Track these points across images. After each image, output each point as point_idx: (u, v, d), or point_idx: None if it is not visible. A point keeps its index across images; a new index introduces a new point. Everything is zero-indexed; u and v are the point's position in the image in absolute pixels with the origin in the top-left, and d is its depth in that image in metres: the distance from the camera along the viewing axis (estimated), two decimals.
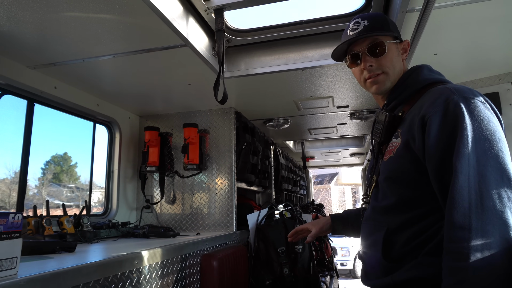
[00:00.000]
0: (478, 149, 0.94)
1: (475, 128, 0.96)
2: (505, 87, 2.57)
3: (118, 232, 2.41)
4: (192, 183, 3.08)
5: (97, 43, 1.91)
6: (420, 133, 1.03)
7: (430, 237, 1.03)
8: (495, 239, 0.86)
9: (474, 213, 0.89)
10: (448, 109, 0.99)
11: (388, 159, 1.14)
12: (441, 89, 1.06)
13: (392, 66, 1.23)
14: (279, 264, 2.70)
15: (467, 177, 0.92)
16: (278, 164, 4.60)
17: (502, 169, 0.93)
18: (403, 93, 1.21)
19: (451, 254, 0.91)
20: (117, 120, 2.99)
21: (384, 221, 1.13)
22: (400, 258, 1.07)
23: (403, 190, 1.10)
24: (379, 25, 1.24)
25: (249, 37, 2.25)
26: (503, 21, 1.88)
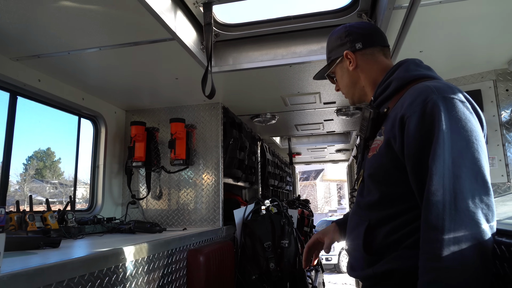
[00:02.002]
0: (454, 150, 0.94)
1: (452, 129, 0.95)
2: (487, 84, 2.63)
3: (104, 227, 2.38)
4: (178, 179, 3.06)
5: (83, 35, 1.87)
6: (400, 133, 1.04)
7: (410, 232, 1.05)
8: (467, 239, 0.88)
9: (448, 214, 0.90)
10: (426, 109, 0.99)
11: (372, 157, 1.16)
12: (422, 88, 1.06)
13: (343, 87, 1.41)
14: (265, 259, 2.72)
15: (441, 178, 0.92)
16: (264, 160, 4.61)
17: (477, 170, 0.94)
18: (388, 89, 1.21)
19: (425, 254, 0.93)
20: (102, 115, 2.95)
21: (366, 216, 1.16)
22: (381, 252, 1.10)
23: (384, 187, 1.12)
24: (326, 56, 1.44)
25: (237, 32, 2.24)
26: (486, 20, 1.92)
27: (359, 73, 1.32)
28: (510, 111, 2.52)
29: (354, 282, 8.07)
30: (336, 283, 10.13)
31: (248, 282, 2.72)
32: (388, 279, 1.07)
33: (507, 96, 2.56)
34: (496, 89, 2.60)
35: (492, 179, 2.63)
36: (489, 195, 0.94)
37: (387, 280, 1.08)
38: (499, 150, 2.55)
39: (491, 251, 0.90)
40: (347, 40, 1.34)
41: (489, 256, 0.89)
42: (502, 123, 2.56)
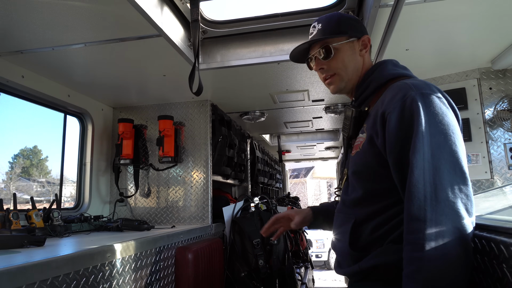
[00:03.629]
0: (433, 144, 0.97)
1: (430, 123, 0.99)
2: (471, 83, 2.68)
3: (91, 225, 2.36)
4: (167, 176, 3.05)
5: (67, 30, 1.84)
6: (381, 129, 1.07)
7: (394, 227, 1.08)
8: (448, 229, 0.91)
9: (429, 205, 0.93)
10: (405, 105, 1.02)
11: (355, 154, 1.18)
12: (401, 85, 1.09)
13: (343, 67, 1.27)
14: (254, 256, 2.73)
15: (422, 171, 0.96)
16: (254, 157, 4.62)
17: (455, 162, 0.97)
18: (368, 89, 1.24)
19: (409, 245, 0.95)
20: (89, 112, 2.91)
21: (352, 213, 1.18)
22: (366, 247, 1.12)
23: (368, 184, 1.14)
24: (330, 28, 1.27)
25: (225, 28, 2.23)
26: (469, 19, 1.95)
27: (363, 62, 1.31)
28: (493, 109, 2.57)
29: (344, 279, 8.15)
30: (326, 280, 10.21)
31: (237, 279, 2.73)
32: (374, 274, 1.09)
33: (491, 94, 2.61)
34: (480, 87, 2.65)
35: (476, 175, 2.71)
36: (468, 185, 0.97)
37: (373, 275, 1.10)
38: (482, 147, 2.60)
39: (471, 239, 0.93)
40: (363, 27, 1.34)
41: (470, 244, 0.92)
42: (485, 121, 2.61)
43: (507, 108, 2.50)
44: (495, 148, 2.57)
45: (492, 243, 0.97)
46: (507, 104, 2.50)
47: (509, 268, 0.89)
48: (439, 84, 2.81)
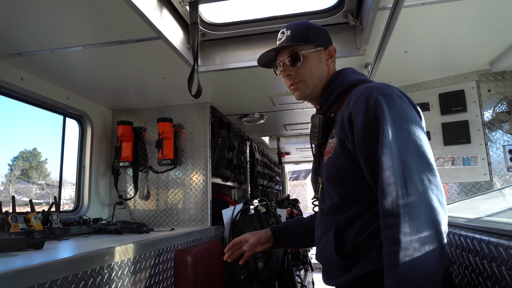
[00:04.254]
0: (399, 140, 1.00)
1: (394, 121, 1.02)
2: (470, 85, 2.68)
3: (90, 228, 2.36)
4: (166, 179, 3.04)
5: (67, 33, 1.84)
6: (350, 131, 1.10)
7: (378, 229, 1.06)
8: (422, 221, 0.93)
9: (401, 199, 0.95)
10: (369, 105, 1.06)
11: (328, 160, 1.18)
12: (363, 88, 1.13)
13: (310, 74, 1.29)
14: (253, 258, 2.72)
15: (391, 167, 0.98)
16: (253, 160, 4.61)
17: (421, 155, 1.00)
18: (332, 95, 1.27)
19: (386, 241, 0.96)
20: (88, 114, 2.91)
21: (332, 221, 1.17)
22: (354, 253, 1.11)
23: (344, 188, 1.15)
24: (299, 35, 1.29)
25: (224, 31, 2.24)
26: (468, 22, 1.96)
27: (328, 71, 1.34)
28: (492, 111, 2.57)
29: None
30: None
31: (236, 282, 2.72)
32: (368, 282, 1.08)
33: (489, 96, 2.62)
34: (478, 89, 2.65)
35: (475, 177, 2.71)
36: (436, 176, 0.99)
37: (367, 282, 1.08)
38: (481, 149, 2.60)
39: (445, 228, 0.95)
40: (329, 38, 1.37)
41: (443, 234, 0.93)
42: (484, 123, 2.61)
43: (506, 110, 2.50)
44: (494, 150, 2.57)
45: (491, 245, 0.97)
46: (506, 106, 2.51)
47: (508, 270, 0.89)
48: (438, 87, 2.82)
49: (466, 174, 2.63)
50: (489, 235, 1.01)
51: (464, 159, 2.65)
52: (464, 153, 2.65)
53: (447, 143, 2.71)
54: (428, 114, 2.83)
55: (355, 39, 2.19)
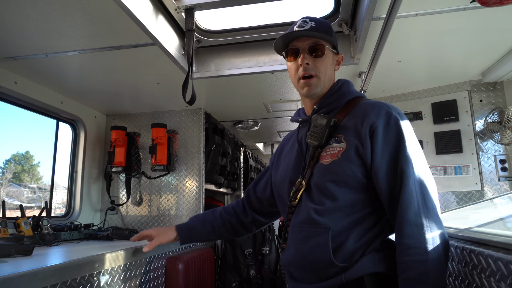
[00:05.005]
0: (417, 155, 1.11)
1: (411, 137, 1.13)
2: (462, 95, 2.71)
3: (81, 234, 2.33)
4: (159, 184, 3.03)
5: (61, 38, 1.84)
6: (369, 140, 1.13)
7: (375, 235, 1.13)
8: (438, 233, 1.03)
9: (423, 212, 1.04)
10: (390, 121, 1.14)
11: (332, 163, 1.17)
12: (379, 104, 1.20)
13: (325, 72, 1.28)
14: (245, 266, 2.71)
15: (413, 180, 1.06)
16: (247, 166, 4.61)
17: (428, 171, 1.12)
18: (337, 101, 1.29)
19: (411, 249, 1.01)
20: (82, 119, 2.89)
21: (326, 223, 1.14)
22: (350, 257, 1.11)
23: (348, 193, 1.15)
24: (324, 29, 1.27)
25: (219, 38, 2.25)
26: (460, 33, 1.99)
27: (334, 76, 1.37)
28: (483, 121, 2.60)
29: None
30: None
31: None
32: (360, 284, 1.08)
33: (481, 106, 2.65)
34: (470, 99, 2.68)
35: (466, 187, 2.73)
36: (436, 190, 1.11)
37: (359, 285, 1.08)
38: (473, 159, 2.62)
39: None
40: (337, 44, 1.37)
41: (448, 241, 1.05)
42: (476, 133, 2.64)
43: (497, 120, 2.53)
44: (486, 160, 2.59)
45: (481, 256, 0.98)
46: (497, 116, 2.54)
47: (496, 282, 0.89)
48: (431, 96, 2.85)
49: (458, 183, 2.65)
50: (479, 245, 1.02)
51: (456, 168, 2.67)
52: (456, 162, 2.67)
53: (440, 152, 2.74)
54: (421, 123, 2.85)
55: (349, 48, 2.21)
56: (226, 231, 1.64)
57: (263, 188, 1.58)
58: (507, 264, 0.86)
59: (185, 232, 1.62)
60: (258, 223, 1.65)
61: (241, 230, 1.66)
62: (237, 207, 1.66)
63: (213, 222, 1.63)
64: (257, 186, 1.62)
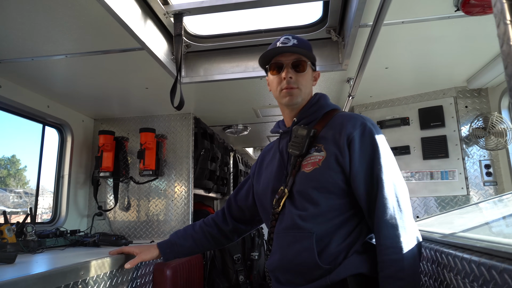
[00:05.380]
0: (390, 162, 1.22)
1: (384, 145, 1.24)
2: (448, 101, 2.76)
3: (66, 240, 2.29)
4: (148, 189, 3.00)
5: (48, 41, 1.82)
6: (347, 149, 1.23)
7: (356, 238, 1.21)
8: (412, 233, 1.14)
9: (397, 214, 1.14)
10: (365, 131, 1.24)
11: (313, 171, 1.25)
12: (354, 115, 1.32)
13: (305, 85, 1.38)
14: (234, 271, 2.70)
15: (388, 185, 1.17)
16: (237, 171, 4.60)
17: (400, 177, 1.22)
18: (315, 113, 1.38)
19: (390, 249, 1.11)
20: (69, 123, 2.85)
21: (310, 228, 1.22)
22: (333, 260, 1.18)
23: (329, 199, 1.23)
24: (306, 47, 1.38)
25: (208, 43, 2.25)
26: (446, 41, 2.02)
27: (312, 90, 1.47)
28: (469, 126, 2.65)
29: None
30: None
31: None
32: (344, 285, 1.15)
33: (466, 112, 2.70)
34: (456, 105, 2.73)
35: (452, 191, 2.76)
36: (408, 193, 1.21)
37: (343, 286, 1.15)
38: (459, 164, 2.67)
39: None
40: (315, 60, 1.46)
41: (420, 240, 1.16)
42: (462, 138, 2.68)
43: (482, 126, 2.58)
44: (471, 165, 2.63)
45: (465, 261, 0.99)
46: (482, 122, 2.59)
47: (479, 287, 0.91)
48: (418, 102, 2.89)
49: (444, 188, 2.69)
50: (463, 251, 1.03)
51: (443, 173, 2.71)
52: (442, 167, 2.71)
53: (426, 157, 2.77)
54: (408, 128, 2.89)
55: (338, 54, 2.23)
56: (208, 243, 1.68)
57: (245, 197, 1.63)
58: (479, 266, 0.89)
59: (167, 248, 1.66)
60: (239, 231, 1.70)
61: (223, 240, 1.70)
62: (216, 218, 1.70)
63: (194, 235, 1.67)
64: (238, 195, 1.67)
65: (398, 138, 2.90)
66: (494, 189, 2.58)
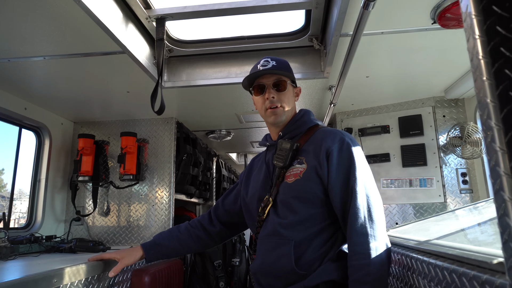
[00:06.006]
0: (365, 175, 1.29)
1: (360, 159, 1.31)
2: (427, 110, 2.83)
3: (41, 247, 2.22)
4: (128, 194, 2.95)
5: (25, 43, 1.78)
6: (326, 162, 1.31)
7: (331, 246, 1.29)
8: (381, 241, 1.21)
9: (368, 222, 1.22)
10: (344, 145, 1.33)
11: (295, 182, 1.35)
12: (334, 131, 1.41)
13: (288, 103, 1.47)
14: (215, 277, 2.67)
15: (361, 197, 1.24)
16: (220, 176, 4.58)
17: (375, 189, 1.30)
18: (299, 128, 1.47)
19: (357, 255, 1.19)
20: (47, 126, 2.79)
21: (289, 235, 1.31)
22: (310, 266, 1.27)
23: (308, 208, 1.32)
24: (284, 67, 1.48)
25: (191, 48, 2.24)
26: (424, 52, 2.08)
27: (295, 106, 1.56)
28: (446, 135, 2.72)
29: None
30: None
31: None
32: None
33: (444, 121, 2.77)
34: (434, 114, 2.80)
35: (430, 199, 2.81)
36: (382, 205, 1.29)
37: None
38: (436, 172, 2.73)
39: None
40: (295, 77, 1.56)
41: (390, 249, 1.24)
42: (439, 147, 2.75)
43: (458, 135, 2.65)
44: (448, 173, 2.70)
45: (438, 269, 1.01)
46: (459, 131, 2.66)
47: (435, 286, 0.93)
48: (398, 110, 2.95)
49: (422, 195, 2.74)
50: (436, 258, 1.05)
51: (421, 180, 2.76)
52: (421, 175, 2.77)
53: (406, 165, 2.83)
54: (389, 136, 2.94)
55: (320, 62, 2.26)
56: (194, 244, 1.71)
57: (233, 202, 1.70)
58: (451, 273, 0.92)
59: (151, 249, 1.67)
60: (223, 235, 1.76)
61: (208, 241, 1.73)
62: (203, 220, 1.75)
63: (179, 236, 1.70)
64: (226, 199, 1.73)
65: (378, 145, 2.95)
66: (470, 197, 2.65)
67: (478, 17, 0.64)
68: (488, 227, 1.29)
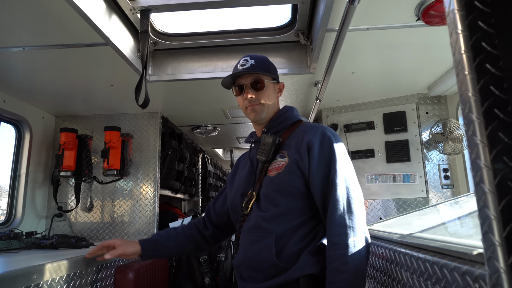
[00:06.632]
0: (345, 168, 1.31)
1: (341, 153, 1.33)
2: (410, 107, 2.87)
3: (21, 243, 2.17)
4: (112, 190, 2.91)
5: (3, 32, 1.72)
6: (307, 155, 1.33)
7: (312, 239, 1.31)
8: (359, 232, 1.22)
9: (347, 214, 1.23)
10: (325, 139, 1.35)
11: (277, 175, 1.37)
12: (316, 125, 1.44)
13: (268, 100, 1.48)
14: (200, 273, 2.66)
15: (341, 189, 1.26)
16: (206, 172, 4.56)
17: (356, 183, 1.31)
18: (282, 124, 1.50)
19: (335, 245, 1.20)
20: (27, 119, 2.71)
21: (271, 228, 1.32)
22: (290, 259, 1.28)
23: (290, 201, 1.33)
24: (263, 66, 1.48)
25: (177, 41, 2.21)
26: (408, 48, 2.10)
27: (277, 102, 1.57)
28: (429, 132, 2.76)
29: None
30: None
31: None
32: (297, 285, 1.25)
33: (427, 118, 2.81)
34: (418, 111, 2.84)
35: (413, 194, 2.86)
36: (362, 198, 1.31)
37: (296, 285, 1.25)
38: (419, 168, 2.77)
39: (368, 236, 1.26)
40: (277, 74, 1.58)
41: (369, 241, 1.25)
42: (422, 143, 2.79)
43: (441, 131, 2.70)
44: (430, 169, 2.75)
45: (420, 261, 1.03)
46: (441, 128, 2.71)
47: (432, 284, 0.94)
48: (382, 107, 2.98)
49: (406, 191, 2.79)
50: (418, 250, 1.07)
51: (405, 176, 2.81)
52: (405, 170, 2.81)
53: (390, 160, 2.87)
54: (373, 132, 2.98)
55: (306, 58, 2.26)
56: (189, 245, 1.72)
57: (222, 203, 1.72)
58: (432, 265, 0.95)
59: (149, 246, 1.66)
60: (216, 236, 1.77)
61: (202, 243, 1.75)
62: (198, 223, 1.77)
63: (176, 236, 1.70)
64: (216, 202, 1.76)
65: (363, 141, 2.98)
66: (451, 192, 2.70)
67: (461, 11, 0.65)
68: (468, 221, 1.32)
